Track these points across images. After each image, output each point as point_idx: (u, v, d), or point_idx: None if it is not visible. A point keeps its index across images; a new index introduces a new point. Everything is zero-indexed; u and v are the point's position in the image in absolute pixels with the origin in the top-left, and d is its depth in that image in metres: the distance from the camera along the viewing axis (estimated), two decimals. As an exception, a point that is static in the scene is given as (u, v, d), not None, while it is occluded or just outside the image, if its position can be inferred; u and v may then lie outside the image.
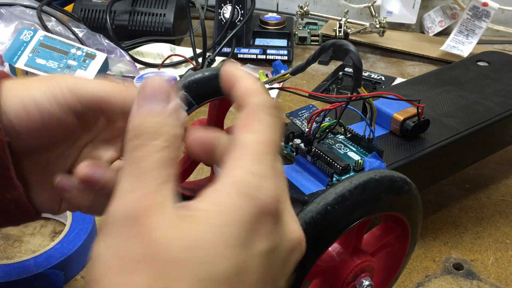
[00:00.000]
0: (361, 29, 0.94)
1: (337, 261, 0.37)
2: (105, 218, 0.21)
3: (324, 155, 0.39)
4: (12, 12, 0.77)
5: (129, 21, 0.92)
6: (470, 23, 0.90)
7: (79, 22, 0.85)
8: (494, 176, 0.61)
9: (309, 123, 0.41)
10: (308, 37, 0.98)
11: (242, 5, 0.88)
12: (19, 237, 0.51)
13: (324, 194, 0.31)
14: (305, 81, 0.84)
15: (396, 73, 0.88)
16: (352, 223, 0.32)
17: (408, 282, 0.47)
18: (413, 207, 0.37)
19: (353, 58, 0.35)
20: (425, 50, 0.93)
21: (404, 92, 0.55)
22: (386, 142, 0.45)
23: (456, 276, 0.48)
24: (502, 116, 0.51)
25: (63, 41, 0.73)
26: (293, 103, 0.77)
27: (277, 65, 0.41)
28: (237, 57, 0.89)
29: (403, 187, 0.35)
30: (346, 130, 0.44)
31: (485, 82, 0.57)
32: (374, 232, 0.40)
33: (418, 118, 0.45)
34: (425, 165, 0.45)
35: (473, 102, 0.53)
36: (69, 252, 0.46)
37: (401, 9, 0.99)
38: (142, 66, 0.83)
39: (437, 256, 0.50)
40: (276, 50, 0.89)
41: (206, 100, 0.45)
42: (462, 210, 0.56)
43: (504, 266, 0.49)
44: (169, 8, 0.93)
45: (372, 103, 0.41)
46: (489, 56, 0.64)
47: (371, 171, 0.33)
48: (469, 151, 0.50)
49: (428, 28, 1.02)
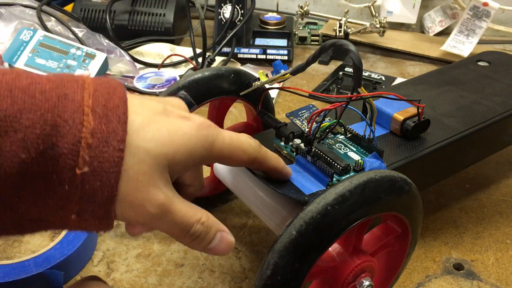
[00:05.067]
0: (361, 29, 0.94)
1: (337, 261, 0.37)
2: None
3: (324, 155, 0.39)
4: (11, 12, 0.77)
5: (129, 21, 0.92)
6: (470, 23, 0.90)
7: (79, 22, 0.85)
8: (495, 176, 0.61)
9: (309, 123, 0.41)
10: (308, 37, 0.98)
11: (242, 5, 0.88)
12: (19, 237, 0.51)
13: (324, 194, 0.31)
14: (305, 81, 0.84)
15: (396, 73, 0.88)
16: (352, 223, 0.32)
17: (408, 282, 0.47)
18: (413, 207, 0.37)
19: (353, 58, 0.35)
20: (426, 50, 0.93)
21: (404, 92, 0.55)
22: (386, 142, 0.45)
23: (457, 276, 0.48)
24: (503, 116, 0.50)
25: (63, 41, 0.73)
26: (293, 103, 0.77)
27: (277, 65, 0.41)
28: (237, 57, 0.89)
29: (403, 187, 0.34)
30: (346, 130, 0.44)
31: (486, 82, 0.57)
32: (374, 232, 0.40)
33: (418, 118, 0.45)
34: (425, 165, 0.45)
35: (473, 102, 0.53)
36: (69, 252, 0.46)
37: (401, 9, 0.99)
38: (142, 66, 0.83)
39: (437, 256, 0.50)
40: (276, 50, 0.89)
41: (206, 100, 0.45)
42: (462, 210, 0.56)
43: (505, 266, 0.49)
44: (169, 8, 0.93)
45: (372, 103, 0.41)
46: (490, 56, 0.64)
47: (371, 171, 0.33)
48: (470, 151, 0.50)
49: (428, 28, 1.02)
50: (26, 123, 0.24)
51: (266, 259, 0.31)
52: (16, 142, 0.24)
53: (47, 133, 0.25)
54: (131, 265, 0.48)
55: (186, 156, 0.29)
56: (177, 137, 0.29)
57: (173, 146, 0.29)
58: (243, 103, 0.50)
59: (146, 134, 0.28)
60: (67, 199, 0.26)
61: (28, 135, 0.24)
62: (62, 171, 0.25)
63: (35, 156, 0.24)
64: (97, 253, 0.50)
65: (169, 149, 0.28)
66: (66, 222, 0.27)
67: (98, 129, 0.26)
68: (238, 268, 0.48)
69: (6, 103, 0.24)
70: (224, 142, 0.32)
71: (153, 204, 0.28)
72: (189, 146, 0.29)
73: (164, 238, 0.51)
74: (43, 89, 0.26)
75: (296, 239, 0.30)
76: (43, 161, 0.25)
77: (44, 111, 0.25)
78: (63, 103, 0.26)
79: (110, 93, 0.27)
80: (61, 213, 0.26)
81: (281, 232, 0.31)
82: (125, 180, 0.27)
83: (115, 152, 0.26)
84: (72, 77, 0.27)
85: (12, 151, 0.24)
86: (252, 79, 0.46)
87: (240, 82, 0.46)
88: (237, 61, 0.89)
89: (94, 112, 0.26)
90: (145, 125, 0.28)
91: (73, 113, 0.26)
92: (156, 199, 0.28)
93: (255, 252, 0.50)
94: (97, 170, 0.26)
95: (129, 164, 0.27)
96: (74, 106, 0.26)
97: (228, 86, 0.46)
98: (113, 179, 0.26)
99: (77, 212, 0.26)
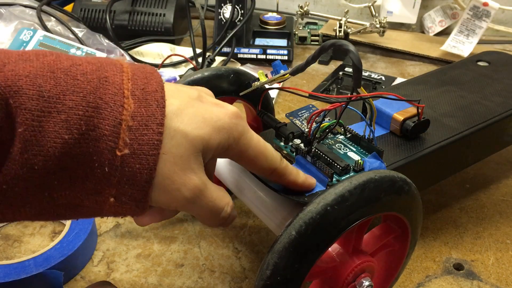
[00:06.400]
0: (361, 29, 0.94)
1: (337, 262, 0.37)
2: None
3: (324, 155, 0.39)
4: (12, 12, 0.77)
5: (129, 21, 0.92)
6: (470, 23, 0.90)
7: (79, 22, 0.85)
8: (495, 176, 0.61)
9: (309, 123, 0.41)
10: (308, 37, 0.98)
11: (242, 5, 0.88)
12: (18, 237, 0.51)
13: (324, 195, 0.31)
14: (305, 81, 0.84)
15: (396, 73, 0.88)
16: (352, 223, 0.32)
17: (408, 282, 0.47)
18: (413, 207, 0.37)
19: (353, 58, 0.35)
20: (425, 50, 0.93)
21: (404, 92, 0.55)
22: (386, 142, 0.45)
23: (457, 276, 0.48)
24: (503, 116, 0.50)
25: (63, 41, 0.73)
26: (293, 103, 0.77)
27: (277, 65, 0.41)
28: (237, 57, 0.89)
29: (403, 187, 0.34)
30: (346, 130, 0.44)
31: (485, 82, 0.57)
32: (374, 232, 0.40)
33: (418, 118, 0.45)
34: (425, 165, 0.45)
35: (473, 102, 0.53)
36: (69, 252, 0.46)
37: (401, 9, 0.99)
38: (142, 66, 0.83)
39: (437, 256, 0.50)
40: (276, 50, 0.89)
41: (206, 100, 0.45)
42: (462, 210, 0.56)
43: (505, 266, 0.49)
44: (169, 8, 0.93)
45: (372, 103, 0.41)
46: (490, 56, 0.64)
47: (371, 171, 0.33)
48: (469, 151, 0.50)
49: (428, 28, 1.02)
50: (70, 104, 0.25)
51: (266, 259, 0.31)
52: (60, 123, 0.24)
53: (89, 115, 0.25)
54: (131, 265, 0.48)
55: (218, 141, 0.30)
56: (212, 122, 0.29)
57: (208, 130, 0.29)
58: (243, 103, 0.50)
59: (184, 118, 0.28)
60: (106, 182, 0.26)
61: (71, 116, 0.25)
62: (103, 152, 0.25)
63: (77, 137, 0.25)
64: (97, 253, 0.50)
65: (205, 132, 0.29)
66: (102, 207, 0.27)
67: (138, 112, 0.26)
68: (238, 268, 0.48)
69: (50, 85, 0.25)
70: (252, 139, 0.32)
71: (188, 188, 0.28)
72: (222, 132, 0.30)
73: (164, 238, 0.51)
74: (84, 71, 0.26)
75: (295, 240, 0.30)
76: (84, 142, 0.25)
77: (86, 93, 0.25)
78: (104, 85, 0.26)
79: (147, 77, 0.28)
80: (98, 197, 0.26)
81: (281, 232, 0.31)
82: (162, 163, 0.27)
83: (154, 135, 0.26)
84: (111, 60, 0.28)
85: (55, 131, 0.24)
86: (252, 79, 0.46)
87: (240, 82, 0.46)
88: (237, 61, 0.89)
89: (133, 95, 0.27)
90: (182, 110, 0.29)
91: (114, 95, 0.26)
92: (191, 183, 0.28)
93: (255, 252, 0.50)
94: (136, 152, 0.26)
95: (167, 147, 0.27)
96: (115, 89, 0.26)
97: (227, 86, 0.46)
98: (152, 161, 0.26)
99: (115, 196, 0.27)
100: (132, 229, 0.52)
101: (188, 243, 0.51)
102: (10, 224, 0.52)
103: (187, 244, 0.51)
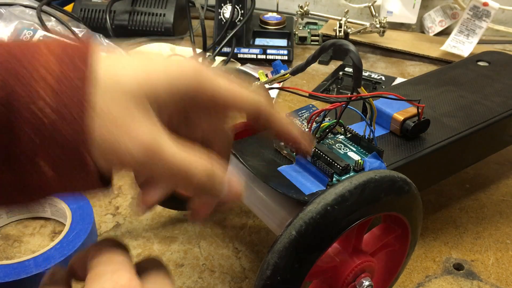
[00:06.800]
0: (361, 29, 0.94)
1: (337, 262, 0.37)
2: None
3: (324, 155, 0.39)
4: (12, 12, 0.77)
5: (129, 21, 0.92)
6: (470, 23, 0.90)
7: (79, 22, 0.85)
8: (495, 176, 0.61)
9: (309, 123, 0.41)
10: (308, 37, 0.98)
11: (242, 5, 0.88)
12: (18, 237, 0.51)
13: (324, 194, 0.31)
14: (305, 81, 0.84)
15: (396, 73, 0.88)
16: (352, 223, 0.32)
17: (408, 282, 0.47)
18: (413, 207, 0.37)
19: (353, 58, 0.35)
20: (425, 50, 0.93)
21: (404, 92, 0.55)
22: (386, 142, 0.45)
23: (457, 276, 0.48)
24: (503, 116, 0.50)
25: (63, 41, 0.73)
26: (293, 103, 0.77)
27: (277, 65, 0.41)
28: (237, 57, 0.89)
29: (403, 187, 0.34)
30: (346, 130, 0.44)
31: (486, 82, 0.57)
32: (374, 232, 0.40)
33: (418, 118, 0.45)
34: (425, 165, 0.45)
35: (473, 102, 0.53)
36: (69, 252, 0.46)
37: (401, 9, 0.99)
38: (142, 66, 0.83)
39: (437, 256, 0.50)
40: (276, 50, 0.89)
41: (206, 100, 0.45)
42: (462, 210, 0.56)
43: (505, 266, 0.49)
44: (169, 8, 0.93)
45: (372, 103, 0.41)
46: (490, 56, 0.64)
47: (371, 171, 0.33)
48: (469, 151, 0.50)
49: (428, 28, 1.02)
50: None
51: (266, 259, 0.31)
52: None
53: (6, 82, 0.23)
54: (131, 265, 0.48)
55: (168, 82, 0.26)
56: (153, 65, 0.26)
57: (147, 73, 0.26)
58: (243, 103, 0.50)
59: (115, 69, 0.25)
60: (39, 151, 0.23)
61: None
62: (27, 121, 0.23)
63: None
64: (97, 253, 0.49)
65: (143, 77, 0.26)
66: (45, 182, 0.24)
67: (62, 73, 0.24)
68: (238, 268, 0.48)
69: None
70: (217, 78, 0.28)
71: (135, 145, 0.25)
72: (169, 71, 0.27)
73: (164, 238, 0.51)
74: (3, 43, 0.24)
75: (295, 239, 0.30)
76: (4, 111, 0.23)
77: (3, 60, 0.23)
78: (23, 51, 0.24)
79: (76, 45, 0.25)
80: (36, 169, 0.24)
81: (281, 232, 0.31)
82: (98, 120, 0.24)
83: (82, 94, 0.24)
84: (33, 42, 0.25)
85: None
86: (252, 79, 0.46)
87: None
88: (237, 61, 0.89)
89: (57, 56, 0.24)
90: (115, 63, 0.26)
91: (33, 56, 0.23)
92: (137, 140, 0.25)
93: (255, 252, 0.50)
94: (65, 115, 0.23)
95: (99, 102, 0.24)
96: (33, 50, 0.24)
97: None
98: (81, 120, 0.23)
99: (52, 165, 0.24)
100: (132, 229, 0.52)
101: (188, 243, 0.51)
102: (10, 224, 0.52)
103: (187, 244, 0.51)
